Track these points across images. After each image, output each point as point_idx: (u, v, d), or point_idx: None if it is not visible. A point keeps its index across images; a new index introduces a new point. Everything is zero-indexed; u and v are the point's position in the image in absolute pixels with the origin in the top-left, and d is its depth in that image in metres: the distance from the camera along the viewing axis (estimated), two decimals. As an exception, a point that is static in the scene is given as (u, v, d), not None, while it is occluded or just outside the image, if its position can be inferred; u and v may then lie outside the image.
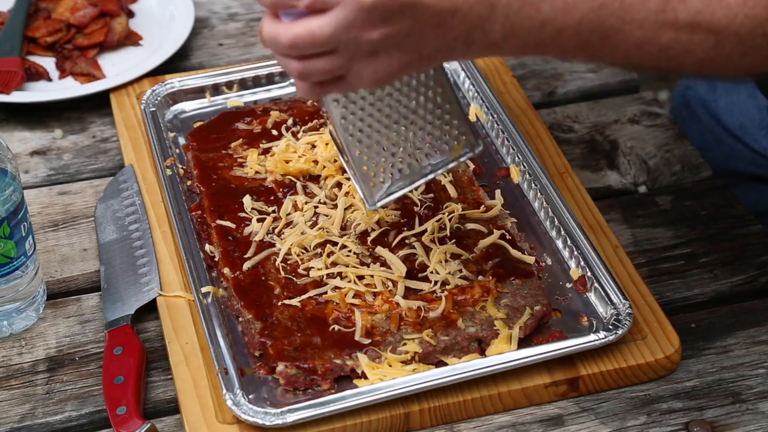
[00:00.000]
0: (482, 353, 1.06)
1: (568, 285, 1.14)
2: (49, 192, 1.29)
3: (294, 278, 1.11)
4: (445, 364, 1.05)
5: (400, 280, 1.10)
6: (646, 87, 1.47)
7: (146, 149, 1.30)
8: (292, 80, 1.37)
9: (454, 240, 1.15)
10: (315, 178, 1.22)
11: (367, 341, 1.05)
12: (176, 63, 1.47)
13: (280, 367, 1.03)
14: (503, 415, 1.05)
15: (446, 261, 1.12)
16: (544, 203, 1.20)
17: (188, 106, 1.36)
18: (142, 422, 1.01)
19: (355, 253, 1.13)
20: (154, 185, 1.25)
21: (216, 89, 1.37)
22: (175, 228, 1.17)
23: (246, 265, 1.12)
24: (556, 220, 1.18)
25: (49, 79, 1.44)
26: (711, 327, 1.14)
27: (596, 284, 1.11)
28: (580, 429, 1.04)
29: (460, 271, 1.12)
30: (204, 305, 1.09)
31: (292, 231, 1.15)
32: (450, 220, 1.16)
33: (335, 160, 1.22)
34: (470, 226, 1.17)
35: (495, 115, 1.30)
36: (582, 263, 1.13)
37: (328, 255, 1.12)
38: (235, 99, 1.36)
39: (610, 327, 1.07)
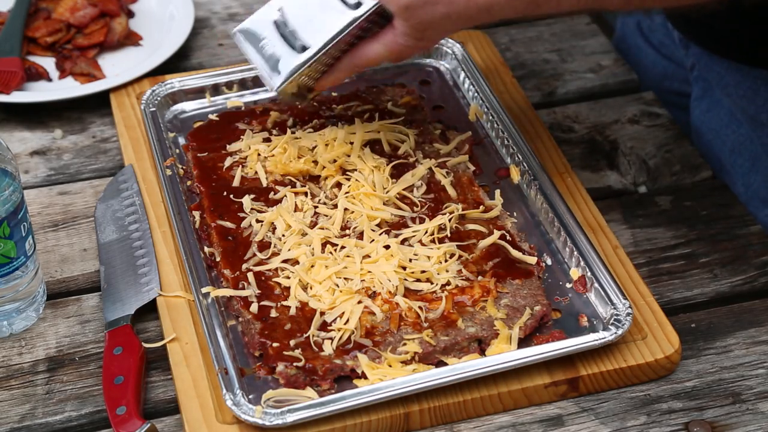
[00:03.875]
0: (482, 353, 1.06)
1: (568, 285, 1.14)
2: (49, 192, 1.29)
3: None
4: (445, 364, 1.05)
5: (401, 280, 1.10)
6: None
7: (146, 149, 1.30)
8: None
9: (454, 240, 1.15)
10: (315, 178, 1.22)
11: (367, 341, 1.05)
12: (176, 63, 1.47)
13: (280, 367, 1.03)
14: (503, 415, 1.05)
15: (446, 261, 1.12)
16: (544, 203, 1.20)
17: (188, 106, 1.36)
18: (142, 422, 1.01)
19: (354, 253, 1.13)
20: (154, 185, 1.25)
21: (216, 89, 1.37)
22: (175, 228, 1.17)
23: (246, 266, 1.12)
24: (556, 220, 1.18)
25: (49, 79, 1.44)
26: (711, 327, 1.14)
27: (596, 284, 1.11)
28: (580, 429, 1.04)
29: (460, 271, 1.12)
30: (204, 305, 1.09)
31: (292, 231, 1.15)
32: (450, 220, 1.16)
33: (335, 160, 1.22)
34: (470, 226, 1.17)
35: (495, 115, 1.30)
36: (582, 263, 1.13)
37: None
38: (235, 99, 1.36)
39: (610, 327, 1.06)
